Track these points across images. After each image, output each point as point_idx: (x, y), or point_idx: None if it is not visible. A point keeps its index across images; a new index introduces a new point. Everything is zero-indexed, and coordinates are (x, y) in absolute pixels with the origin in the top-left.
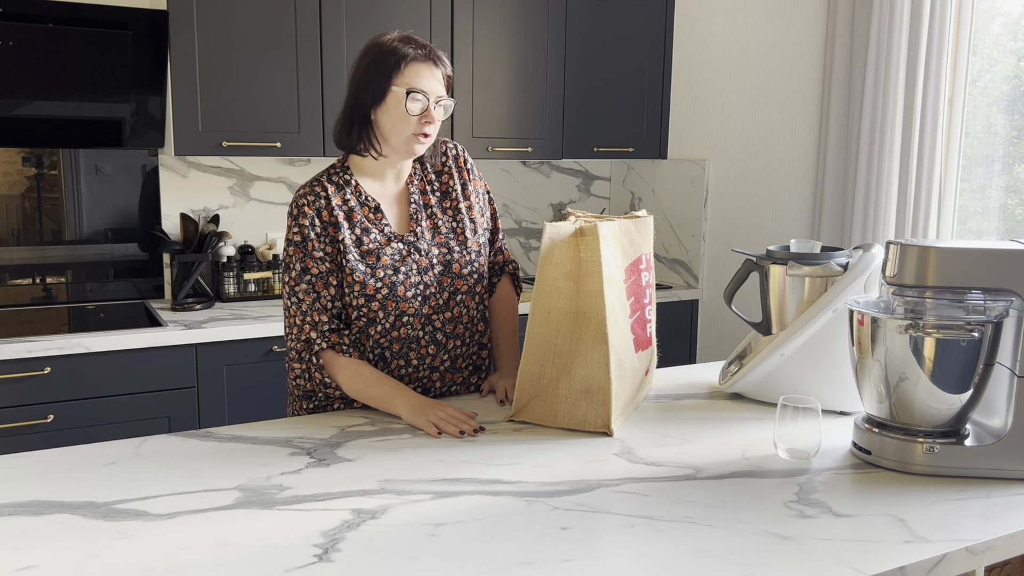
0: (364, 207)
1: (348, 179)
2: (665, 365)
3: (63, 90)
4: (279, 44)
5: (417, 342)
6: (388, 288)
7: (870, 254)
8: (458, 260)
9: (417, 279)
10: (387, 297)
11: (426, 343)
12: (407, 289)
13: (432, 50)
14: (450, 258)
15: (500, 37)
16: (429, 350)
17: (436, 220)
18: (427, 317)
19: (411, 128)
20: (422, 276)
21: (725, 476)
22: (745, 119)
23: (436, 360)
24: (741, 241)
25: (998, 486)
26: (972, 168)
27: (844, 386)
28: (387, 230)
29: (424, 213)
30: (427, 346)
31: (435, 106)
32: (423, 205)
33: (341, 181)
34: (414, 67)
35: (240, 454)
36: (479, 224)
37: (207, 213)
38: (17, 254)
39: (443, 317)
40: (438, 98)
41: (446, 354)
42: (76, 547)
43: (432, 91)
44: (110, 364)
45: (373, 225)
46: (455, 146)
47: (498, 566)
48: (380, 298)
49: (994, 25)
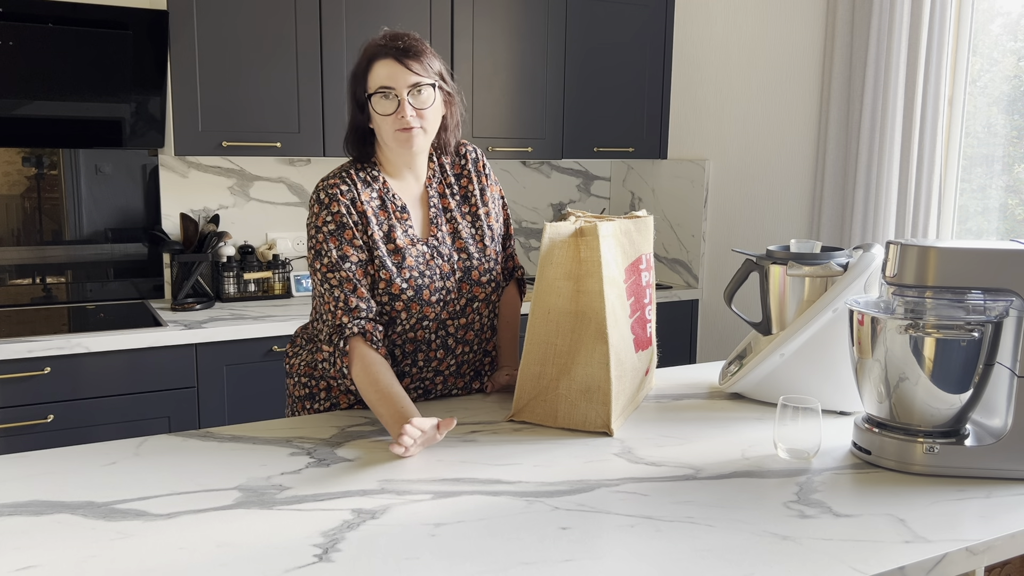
0: (391, 204)
1: (376, 175)
2: (665, 365)
3: (63, 90)
4: (279, 44)
5: (428, 345)
6: (414, 291)
7: (870, 254)
8: (477, 267)
9: (440, 284)
10: (412, 299)
11: (436, 347)
12: (432, 293)
13: (397, 44)
14: (469, 264)
15: (500, 37)
16: (438, 354)
17: (456, 225)
18: (443, 322)
19: (392, 125)
20: (444, 282)
21: (725, 476)
22: (745, 119)
23: (443, 364)
24: (741, 241)
25: (998, 486)
26: (972, 168)
27: (844, 386)
28: (411, 232)
29: (444, 217)
30: (437, 350)
31: (409, 96)
32: (443, 209)
33: (368, 177)
34: (378, 68)
35: (240, 454)
36: (496, 231)
37: (207, 213)
38: (17, 254)
39: (457, 323)
40: (411, 86)
41: (453, 359)
42: (76, 547)
43: (400, 83)
44: (110, 364)
45: (399, 224)
46: (474, 149)
47: (498, 566)
48: (405, 299)
49: (994, 25)
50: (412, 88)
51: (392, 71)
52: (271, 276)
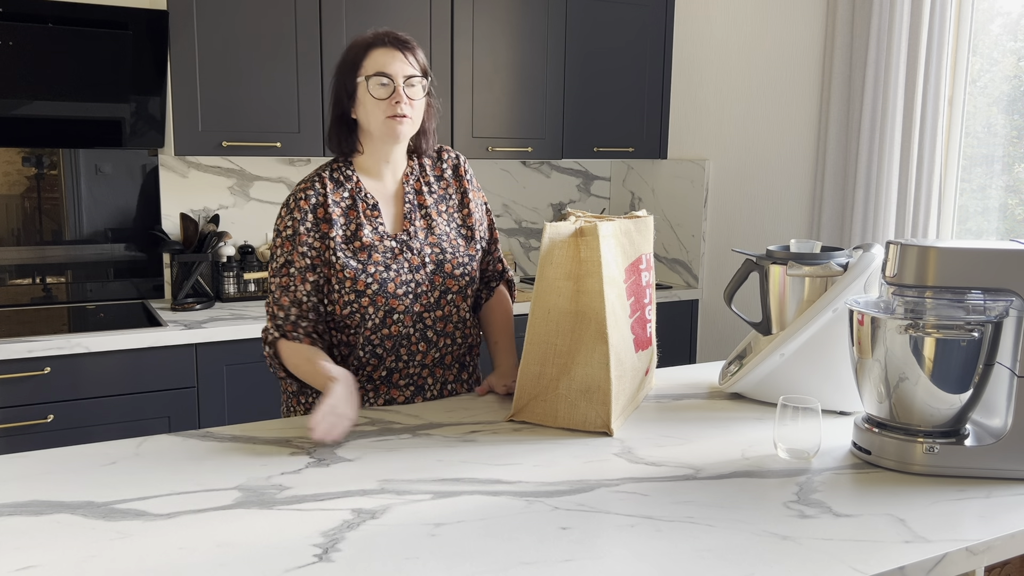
0: (363, 203)
1: (349, 175)
2: (665, 365)
3: (63, 90)
4: (279, 44)
5: (408, 339)
6: (378, 284)
7: (870, 254)
8: (450, 260)
9: (408, 277)
10: (377, 293)
11: (416, 340)
12: (397, 286)
13: (395, 35)
14: (442, 258)
15: (500, 37)
16: (419, 347)
17: (431, 220)
18: (418, 315)
19: (384, 111)
20: (413, 274)
21: (725, 476)
22: (745, 119)
23: (427, 358)
24: (741, 241)
25: (998, 486)
26: (972, 168)
27: (844, 386)
28: (381, 228)
29: (419, 213)
30: (417, 343)
31: (404, 86)
32: (418, 205)
33: (342, 177)
34: (375, 54)
35: (240, 454)
36: (476, 231)
37: (207, 213)
38: (17, 254)
39: (434, 315)
40: (407, 77)
41: (436, 351)
42: (76, 547)
43: (398, 72)
44: (110, 364)
45: (368, 222)
46: (456, 156)
47: (498, 566)
48: (370, 294)
49: (994, 25)
50: (408, 79)
51: (391, 59)
52: None
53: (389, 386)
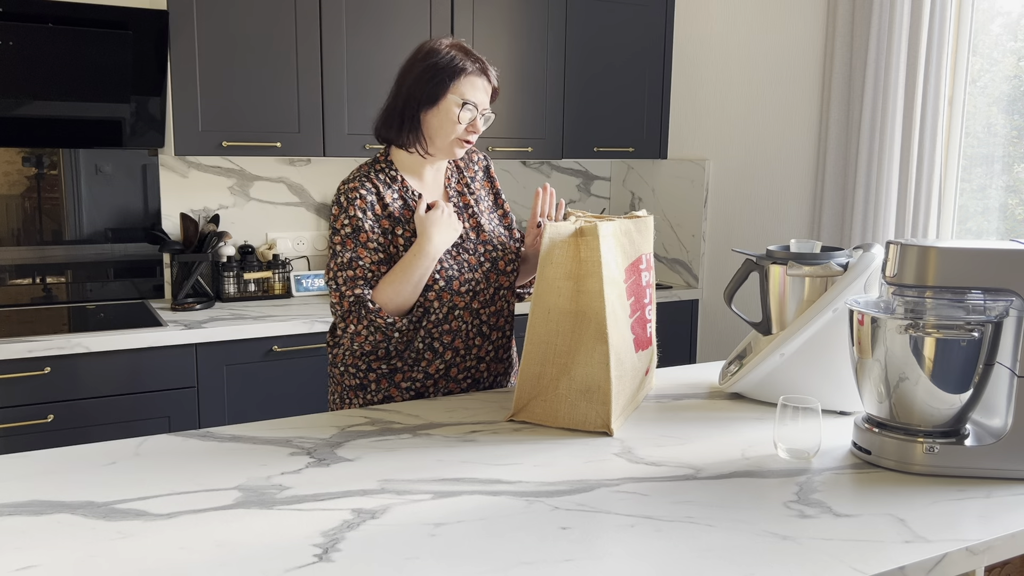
0: (414, 202)
1: (394, 175)
2: (665, 365)
3: (63, 90)
4: (279, 44)
5: (466, 334)
6: (445, 281)
7: (870, 254)
8: (503, 258)
9: (469, 275)
10: (443, 289)
11: (473, 335)
12: (461, 284)
13: (486, 65)
14: (496, 255)
15: (500, 37)
16: (476, 341)
17: (479, 219)
18: (476, 311)
19: (457, 133)
20: (473, 273)
21: (725, 476)
22: (745, 119)
23: (482, 351)
24: (741, 241)
25: (998, 486)
26: (972, 168)
27: (844, 386)
28: None
29: (466, 213)
30: (474, 337)
31: (481, 117)
32: (464, 206)
33: (387, 178)
34: (470, 79)
35: (240, 454)
36: (514, 229)
37: (207, 213)
38: (17, 254)
39: (489, 311)
40: (484, 110)
41: (490, 345)
42: (76, 547)
43: (481, 103)
44: (110, 364)
45: None
46: (484, 157)
47: (498, 566)
48: (437, 289)
49: (994, 25)
50: (484, 111)
51: (480, 89)
52: (271, 276)
53: (448, 380)
